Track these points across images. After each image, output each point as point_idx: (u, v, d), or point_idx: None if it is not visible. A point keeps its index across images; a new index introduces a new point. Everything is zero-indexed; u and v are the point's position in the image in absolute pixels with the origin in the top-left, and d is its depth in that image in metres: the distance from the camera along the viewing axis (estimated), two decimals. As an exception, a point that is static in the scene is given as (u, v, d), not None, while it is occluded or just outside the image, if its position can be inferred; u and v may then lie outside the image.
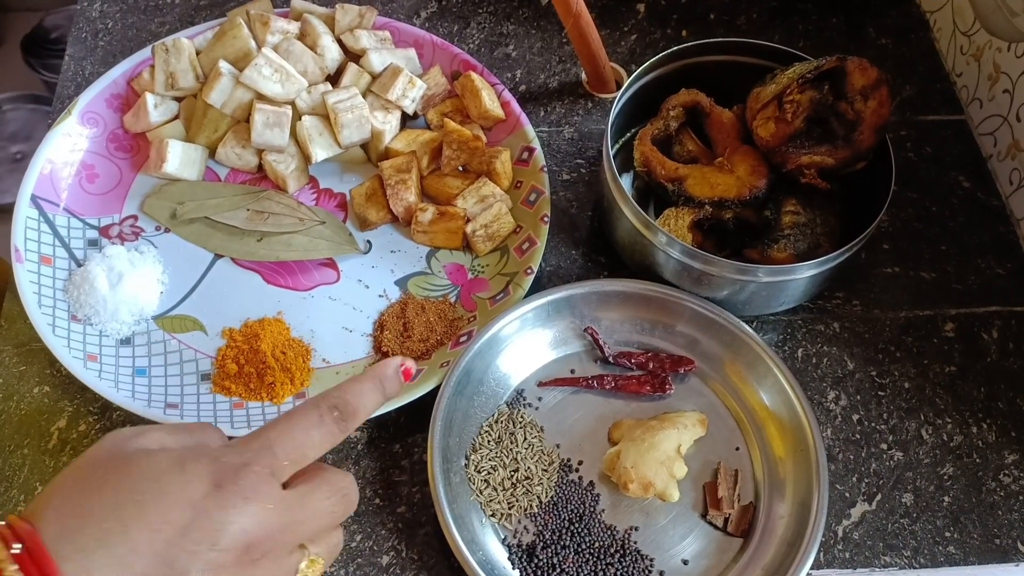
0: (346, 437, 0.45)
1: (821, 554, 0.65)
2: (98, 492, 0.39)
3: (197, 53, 0.78)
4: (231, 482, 0.40)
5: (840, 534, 0.66)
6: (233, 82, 0.76)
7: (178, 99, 0.79)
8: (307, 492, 0.43)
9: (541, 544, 0.63)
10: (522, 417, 0.68)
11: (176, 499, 0.39)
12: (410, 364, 0.50)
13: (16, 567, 0.36)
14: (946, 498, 0.67)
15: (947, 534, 0.66)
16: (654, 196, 0.79)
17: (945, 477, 0.68)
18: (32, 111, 1.86)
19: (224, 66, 0.76)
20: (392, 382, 0.48)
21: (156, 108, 0.77)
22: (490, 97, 0.80)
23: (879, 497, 0.67)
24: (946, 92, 0.89)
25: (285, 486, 0.43)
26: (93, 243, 0.75)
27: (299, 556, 0.43)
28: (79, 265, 0.73)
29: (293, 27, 0.79)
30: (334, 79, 0.80)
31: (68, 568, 0.36)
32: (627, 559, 0.63)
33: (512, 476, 0.65)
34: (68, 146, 0.77)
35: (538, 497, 0.65)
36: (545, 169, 0.77)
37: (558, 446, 0.68)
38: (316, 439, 0.44)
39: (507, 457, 0.66)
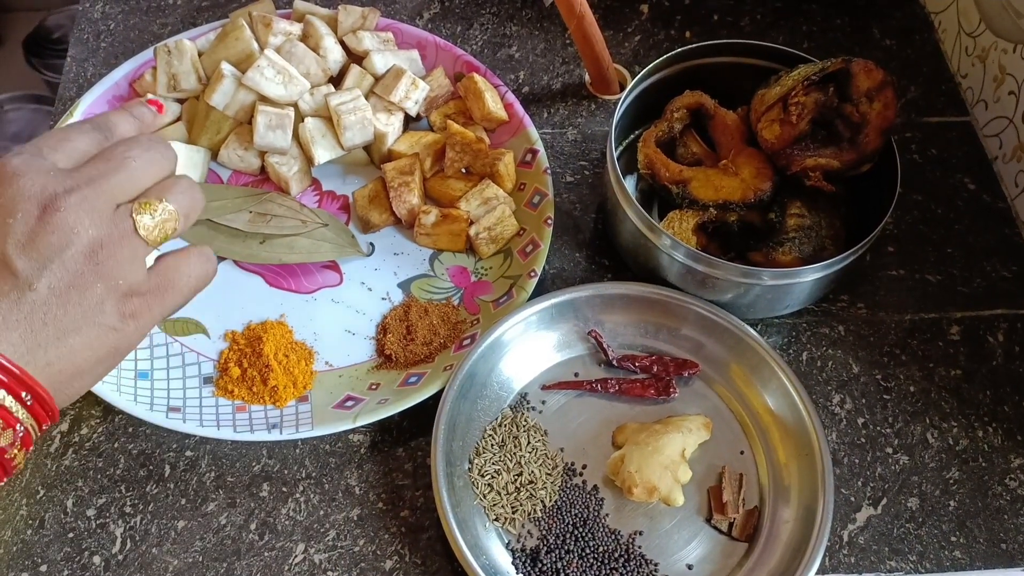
0: (107, 146, 0.47)
1: (826, 559, 0.64)
2: None
3: (199, 55, 0.78)
4: None
5: (845, 538, 0.65)
6: (235, 84, 0.75)
7: (180, 101, 0.79)
8: (97, 155, 0.46)
9: (545, 548, 0.62)
10: (526, 421, 0.68)
11: None
12: (156, 99, 0.55)
13: None
14: (952, 502, 0.67)
15: (953, 538, 0.65)
16: (658, 199, 0.78)
17: (951, 481, 0.68)
18: (34, 111, 1.85)
19: (226, 68, 0.75)
20: (139, 107, 0.52)
21: (158, 110, 0.77)
22: (493, 99, 0.79)
23: (884, 501, 0.67)
24: (951, 94, 0.88)
25: None
26: (95, 245, 0.75)
27: (128, 208, 0.45)
28: (81, 268, 0.73)
29: (295, 28, 0.79)
30: (337, 81, 0.80)
31: None
32: (631, 564, 0.62)
33: (516, 480, 0.65)
34: (70, 148, 0.77)
35: (542, 501, 0.64)
36: (549, 171, 0.77)
37: (562, 450, 0.67)
38: (76, 137, 0.46)
39: (511, 461, 0.66)
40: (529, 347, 0.70)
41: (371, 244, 0.77)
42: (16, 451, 0.42)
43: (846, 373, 0.72)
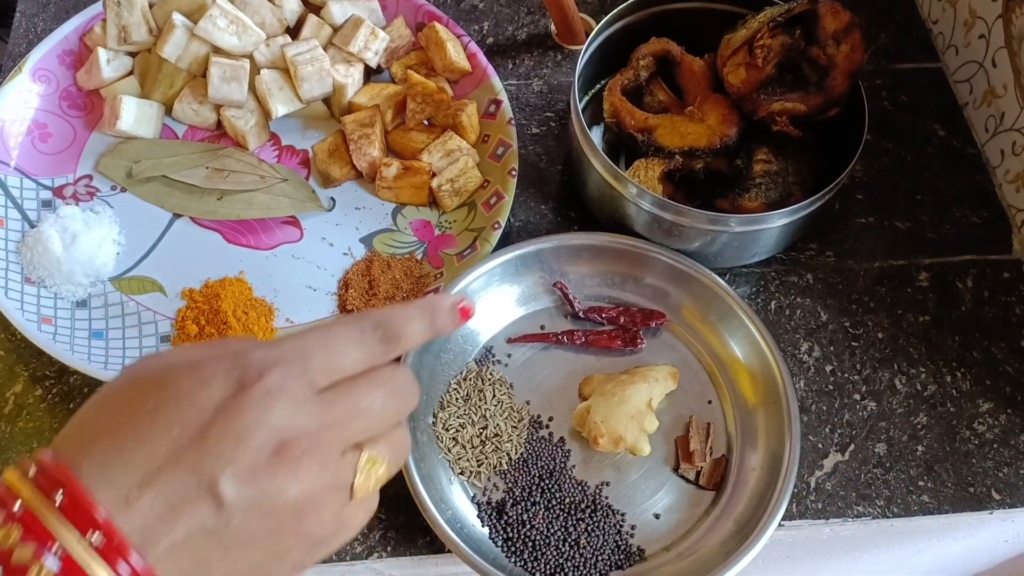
0: (389, 360, 0.40)
1: (793, 505, 0.64)
2: (114, 412, 0.36)
3: (151, 6, 0.75)
4: (255, 380, 0.36)
5: (813, 485, 0.65)
6: (188, 35, 0.73)
7: (132, 54, 0.77)
8: (346, 390, 0.38)
9: (511, 501, 0.62)
10: (491, 374, 0.67)
11: (192, 401, 0.35)
12: (469, 303, 0.44)
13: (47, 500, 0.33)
14: (920, 447, 0.67)
15: (921, 483, 0.65)
16: (625, 149, 0.77)
17: (919, 426, 0.67)
18: (-3, 80, 1.81)
19: (178, 18, 0.73)
20: (444, 315, 0.42)
21: (109, 64, 0.75)
22: (455, 49, 0.77)
23: (852, 447, 0.66)
24: (922, 39, 0.87)
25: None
26: (47, 204, 0.73)
27: (353, 457, 0.38)
28: (32, 226, 0.71)
29: (250, -23, 0.77)
30: (293, 31, 0.78)
31: (88, 483, 0.33)
32: (598, 514, 0.62)
33: (481, 433, 0.64)
34: (19, 104, 0.74)
35: (507, 454, 0.64)
36: (513, 122, 0.75)
37: (528, 403, 0.66)
38: (355, 354, 0.39)
39: (476, 414, 0.65)
40: (494, 300, 0.69)
41: (332, 199, 0.75)
42: None
43: (814, 321, 0.72)
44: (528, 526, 0.61)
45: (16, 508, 0.32)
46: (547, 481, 0.63)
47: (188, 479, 0.34)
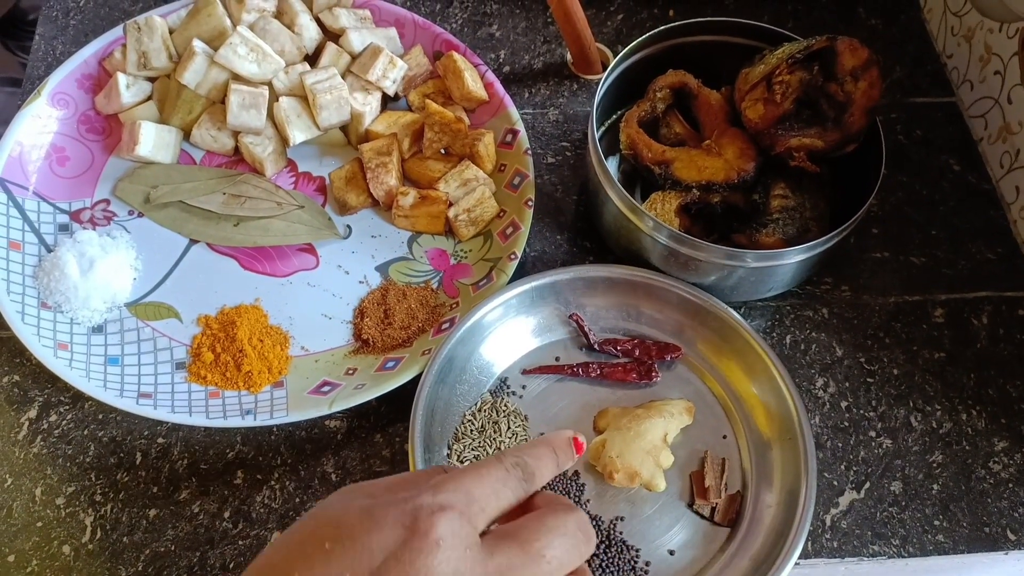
0: (528, 529, 0.41)
1: (809, 543, 0.64)
2: (293, 550, 0.39)
3: (171, 32, 0.76)
4: (424, 526, 0.38)
5: (828, 523, 0.65)
6: (208, 62, 0.73)
7: (151, 79, 0.77)
8: (514, 541, 0.40)
9: (525, 535, 0.61)
10: (506, 406, 0.67)
11: (364, 545, 0.37)
12: (581, 438, 0.48)
13: None
14: (935, 486, 0.66)
15: (936, 522, 0.65)
16: (641, 180, 0.77)
17: (934, 465, 0.67)
18: (9, 95, 1.82)
19: (198, 45, 0.74)
20: (565, 452, 0.47)
21: (128, 89, 0.75)
22: (473, 78, 0.78)
23: (868, 485, 0.66)
24: (937, 74, 0.87)
25: (482, 535, 0.40)
26: (64, 228, 0.73)
27: None
28: (49, 251, 0.71)
29: (270, 5, 0.77)
30: (312, 59, 0.78)
31: None
32: (612, 550, 0.61)
33: (495, 466, 0.64)
34: (38, 128, 0.75)
35: (522, 487, 0.63)
36: (529, 152, 0.75)
37: (542, 435, 0.66)
38: (505, 494, 0.42)
39: (490, 446, 0.65)
40: (509, 331, 0.69)
41: (348, 226, 0.75)
42: None
43: (830, 356, 0.72)
44: (542, 561, 0.60)
45: None
46: (561, 515, 0.63)
47: None
